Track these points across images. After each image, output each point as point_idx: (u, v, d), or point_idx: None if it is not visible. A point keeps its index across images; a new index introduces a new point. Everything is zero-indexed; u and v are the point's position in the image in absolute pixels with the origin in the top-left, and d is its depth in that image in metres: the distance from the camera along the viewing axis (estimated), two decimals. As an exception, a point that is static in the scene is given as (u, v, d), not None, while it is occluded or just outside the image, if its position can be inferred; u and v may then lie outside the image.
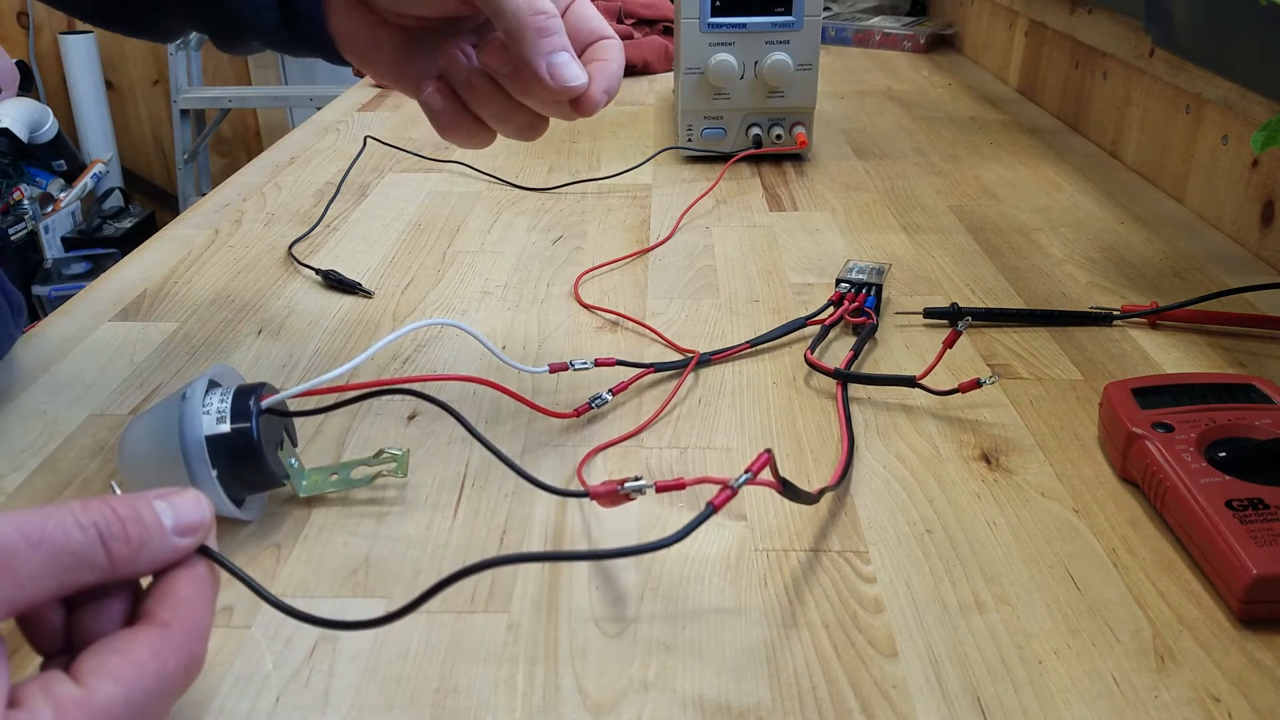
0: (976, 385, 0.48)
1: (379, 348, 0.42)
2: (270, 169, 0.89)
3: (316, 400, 0.47)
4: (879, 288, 0.58)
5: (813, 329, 0.58)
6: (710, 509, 0.34)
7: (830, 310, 0.58)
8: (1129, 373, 0.54)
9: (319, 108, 1.14)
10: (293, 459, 0.42)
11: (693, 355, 0.54)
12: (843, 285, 0.59)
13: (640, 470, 0.46)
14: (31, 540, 0.27)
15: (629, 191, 0.82)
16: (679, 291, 0.64)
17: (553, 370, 0.50)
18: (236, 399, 0.39)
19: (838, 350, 0.56)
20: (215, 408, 0.39)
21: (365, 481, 0.43)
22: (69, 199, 2.56)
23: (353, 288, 0.64)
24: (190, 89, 2.71)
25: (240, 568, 0.32)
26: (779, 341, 0.57)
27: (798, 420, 0.50)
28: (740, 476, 0.35)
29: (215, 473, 0.38)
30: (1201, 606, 0.37)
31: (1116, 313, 0.59)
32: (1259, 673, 0.35)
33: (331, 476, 0.43)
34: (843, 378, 0.52)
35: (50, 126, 2.59)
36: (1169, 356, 0.55)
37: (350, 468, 0.43)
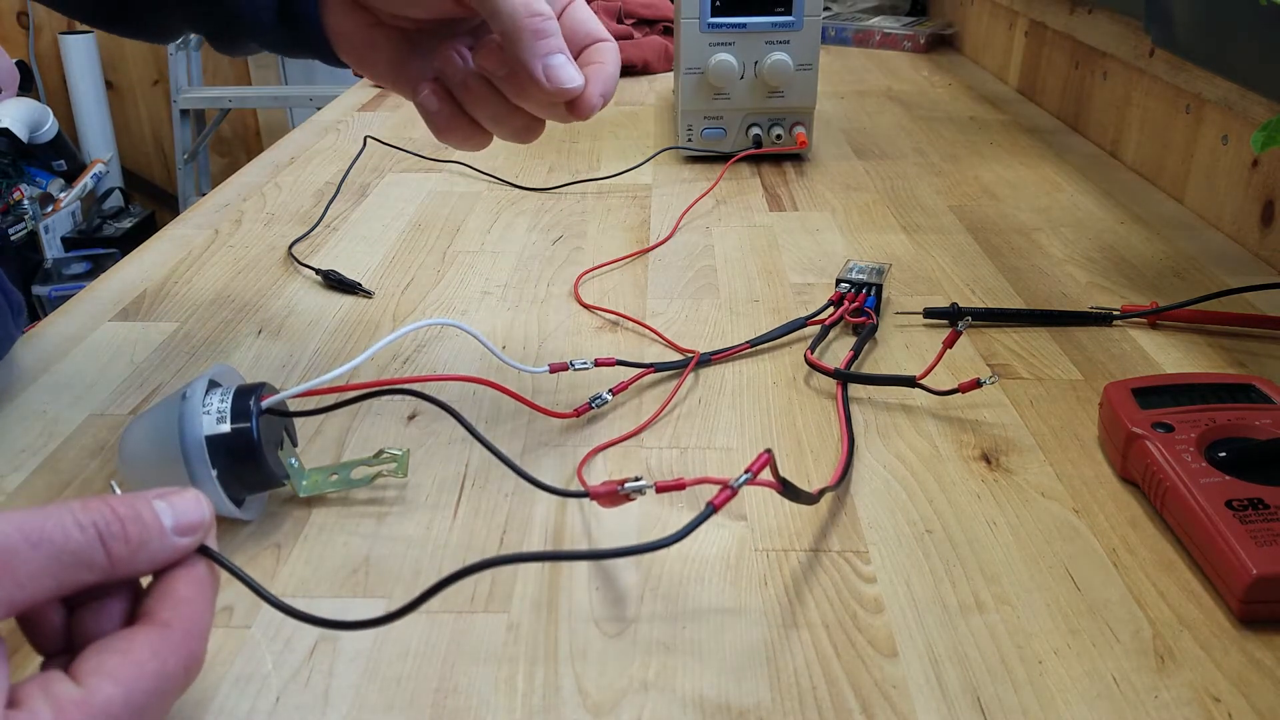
0: (976, 385, 0.48)
1: (379, 348, 0.42)
2: (270, 169, 0.89)
3: (316, 400, 0.47)
4: (879, 288, 0.59)
5: (813, 329, 0.58)
6: (710, 509, 0.34)
7: (830, 310, 0.58)
8: (1129, 373, 0.54)
9: (319, 108, 1.14)
10: (293, 459, 0.42)
11: (693, 355, 0.54)
12: (843, 285, 0.59)
13: (640, 470, 0.46)
14: (31, 540, 0.27)
15: (629, 191, 0.82)
16: (679, 291, 0.64)
17: (553, 370, 0.50)
18: (236, 399, 0.39)
19: (838, 350, 0.56)
20: (215, 408, 0.39)
21: (365, 481, 0.43)
22: (69, 199, 2.56)
23: (353, 288, 0.64)
24: (190, 89, 2.71)
25: (240, 568, 0.32)
26: (779, 341, 0.57)
27: (798, 420, 0.50)
28: (740, 476, 0.35)
29: (215, 473, 0.38)
30: (1201, 606, 0.37)
31: (1116, 313, 0.59)
32: (1259, 673, 0.35)
33: (331, 476, 0.43)
34: (843, 378, 0.52)
35: (50, 126, 2.60)
36: (1169, 356, 0.55)
37: (350, 468, 0.43)
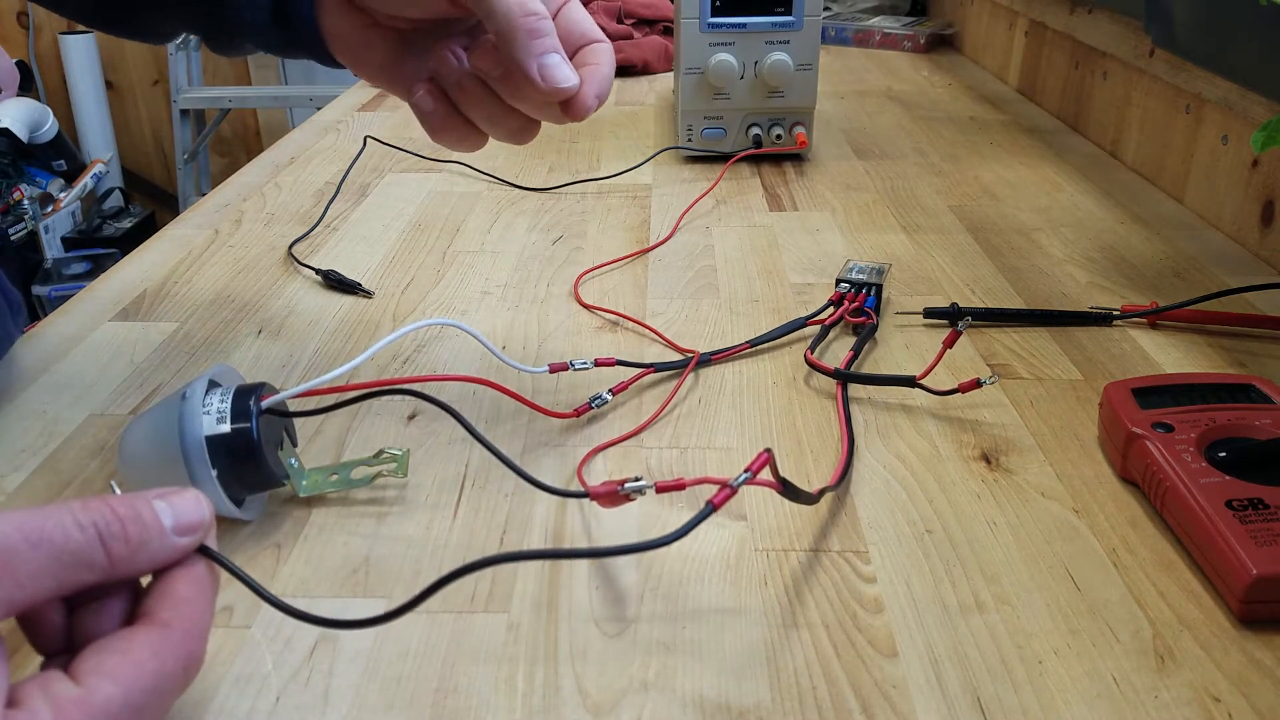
0: (976, 385, 0.48)
1: (379, 348, 0.42)
2: (270, 169, 0.89)
3: (316, 400, 0.47)
4: (879, 288, 0.58)
5: (813, 329, 0.58)
6: (710, 508, 0.34)
7: (830, 310, 0.58)
8: (1129, 373, 0.54)
9: (319, 108, 1.14)
10: (293, 459, 0.42)
11: (693, 355, 0.54)
12: (843, 285, 0.59)
13: (640, 470, 0.46)
14: (31, 540, 0.27)
15: (629, 191, 0.82)
16: (679, 291, 0.64)
17: (553, 370, 0.50)
18: (236, 399, 0.39)
19: (838, 350, 0.56)
20: (215, 408, 0.39)
21: (365, 481, 0.43)
22: (69, 199, 2.56)
23: (353, 288, 0.64)
24: (190, 89, 2.71)
25: (240, 568, 0.32)
26: (779, 341, 0.57)
27: (798, 420, 0.50)
28: (740, 476, 0.35)
29: (215, 473, 0.38)
30: (1201, 606, 0.37)
31: (1116, 313, 0.59)
32: (1259, 673, 0.35)
33: (331, 476, 0.43)
34: (843, 378, 0.52)
35: (50, 126, 2.60)
36: (1169, 356, 0.55)
37: (350, 468, 0.43)
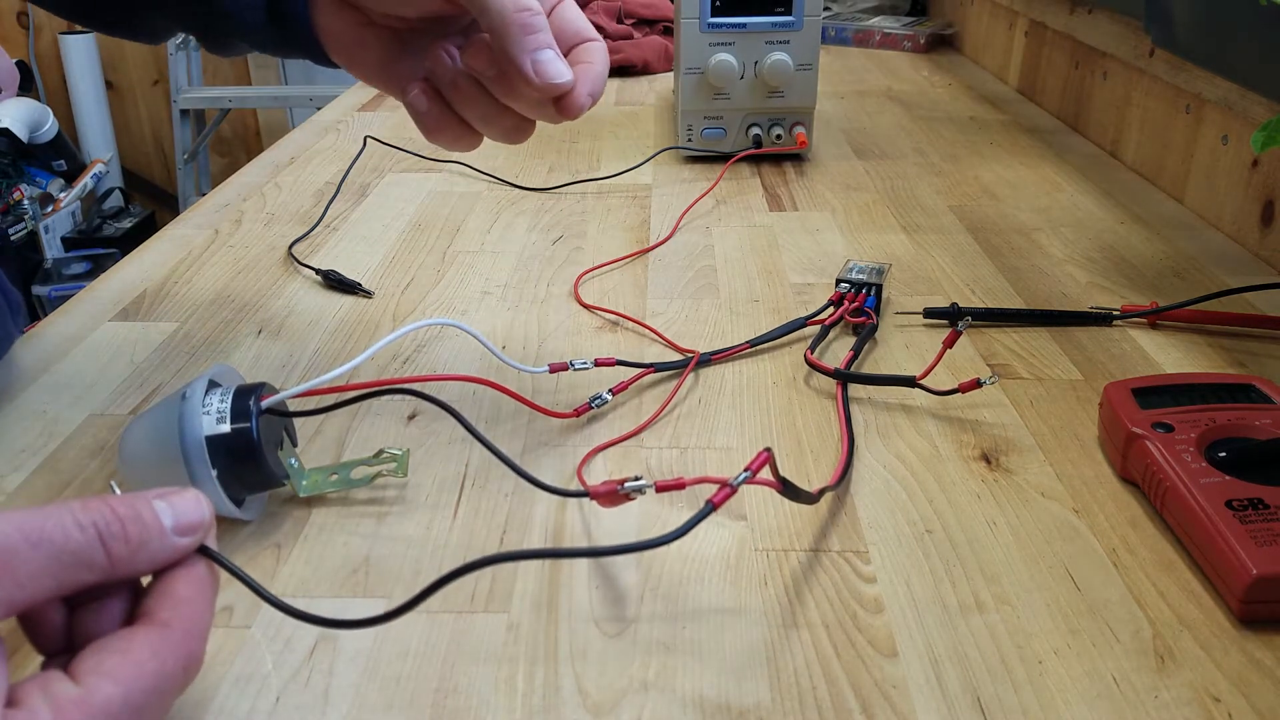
0: (976, 385, 0.48)
1: (379, 348, 0.42)
2: (270, 169, 0.89)
3: (316, 400, 0.47)
4: (879, 288, 0.58)
5: (813, 329, 0.58)
6: (710, 507, 0.34)
7: (830, 310, 0.58)
8: (1129, 373, 0.54)
9: (319, 108, 1.14)
10: (293, 459, 0.42)
11: (693, 355, 0.54)
12: (843, 285, 0.59)
13: (640, 470, 0.46)
14: (31, 540, 0.27)
15: (629, 191, 0.82)
16: (679, 291, 0.64)
17: (553, 370, 0.50)
18: (236, 399, 0.39)
19: (838, 350, 0.56)
20: (215, 408, 0.39)
21: (365, 481, 0.43)
22: (69, 199, 2.56)
23: (353, 288, 0.64)
24: (190, 89, 2.71)
25: (240, 568, 0.32)
26: (779, 341, 0.57)
27: (798, 420, 0.50)
28: (740, 475, 0.35)
29: (215, 473, 0.38)
30: (1201, 606, 0.37)
31: (1116, 313, 0.59)
32: (1259, 673, 0.35)
33: (331, 476, 0.43)
34: (843, 378, 0.52)
35: (50, 126, 2.60)
36: (1169, 356, 0.55)
37: (350, 468, 0.43)
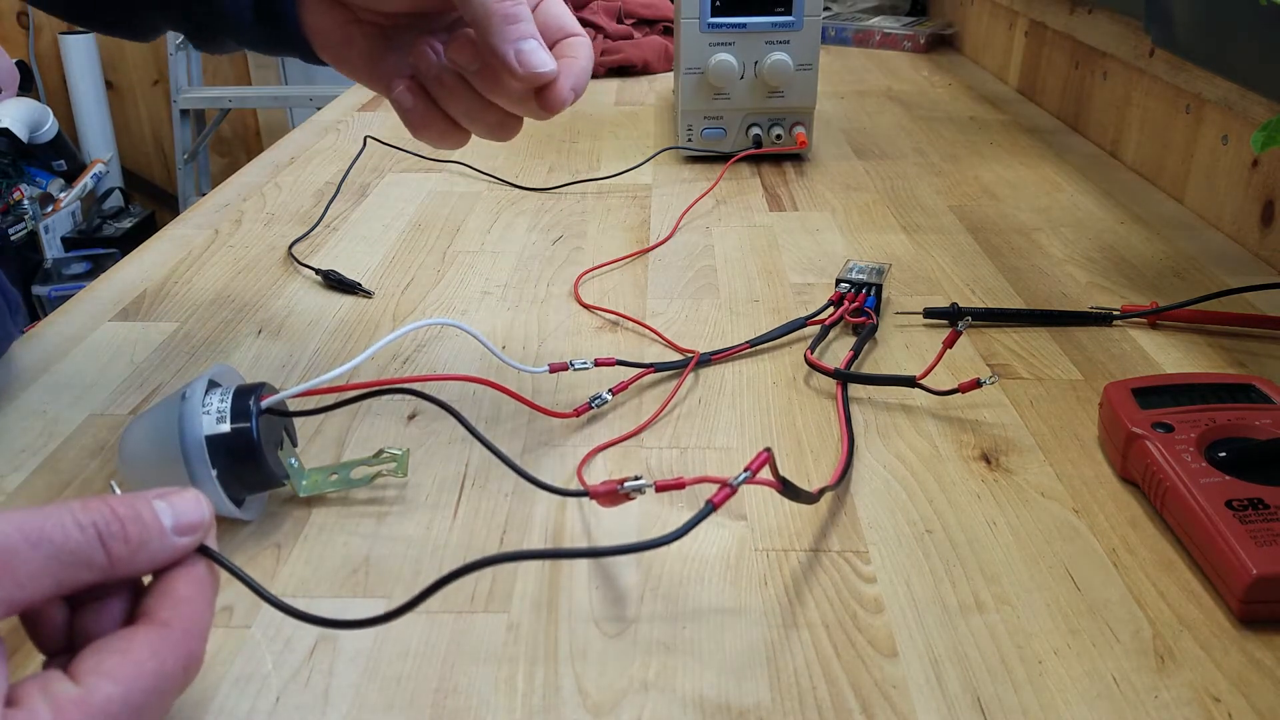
0: (976, 385, 0.48)
1: (379, 348, 0.42)
2: (270, 169, 0.89)
3: (316, 400, 0.47)
4: (879, 288, 0.58)
5: (813, 329, 0.58)
6: (710, 506, 0.34)
7: (830, 310, 0.58)
8: (1129, 373, 0.54)
9: (319, 108, 1.14)
10: (293, 459, 0.42)
11: (693, 355, 0.54)
12: (843, 285, 0.59)
13: (640, 470, 0.46)
14: (31, 540, 0.27)
15: (629, 191, 0.82)
16: (679, 291, 0.64)
17: (553, 370, 0.50)
18: (236, 399, 0.39)
19: (838, 350, 0.56)
20: (215, 408, 0.39)
21: (365, 481, 0.43)
22: (69, 199, 2.56)
23: (353, 288, 0.64)
24: (190, 89, 2.71)
25: (240, 567, 0.32)
26: (779, 341, 0.57)
27: (798, 420, 0.50)
28: (739, 475, 0.35)
29: (215, 473, 0.38)
30: (1201, 606, 0.37)
31: (1116, 313, 0.59)
32: (1259, 673, 0.35)
33: (331, 476, 0.43)
34: (843, 378, 0.52)
35: (50, 126, 2.59)
36: (1169, 356, 0.55)
37: (350, 468, 0.43)
